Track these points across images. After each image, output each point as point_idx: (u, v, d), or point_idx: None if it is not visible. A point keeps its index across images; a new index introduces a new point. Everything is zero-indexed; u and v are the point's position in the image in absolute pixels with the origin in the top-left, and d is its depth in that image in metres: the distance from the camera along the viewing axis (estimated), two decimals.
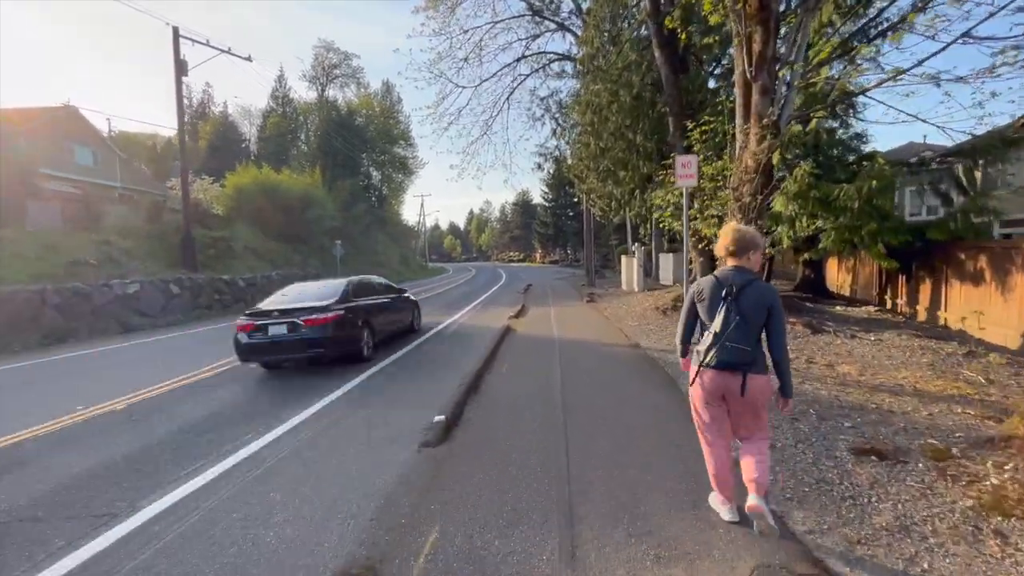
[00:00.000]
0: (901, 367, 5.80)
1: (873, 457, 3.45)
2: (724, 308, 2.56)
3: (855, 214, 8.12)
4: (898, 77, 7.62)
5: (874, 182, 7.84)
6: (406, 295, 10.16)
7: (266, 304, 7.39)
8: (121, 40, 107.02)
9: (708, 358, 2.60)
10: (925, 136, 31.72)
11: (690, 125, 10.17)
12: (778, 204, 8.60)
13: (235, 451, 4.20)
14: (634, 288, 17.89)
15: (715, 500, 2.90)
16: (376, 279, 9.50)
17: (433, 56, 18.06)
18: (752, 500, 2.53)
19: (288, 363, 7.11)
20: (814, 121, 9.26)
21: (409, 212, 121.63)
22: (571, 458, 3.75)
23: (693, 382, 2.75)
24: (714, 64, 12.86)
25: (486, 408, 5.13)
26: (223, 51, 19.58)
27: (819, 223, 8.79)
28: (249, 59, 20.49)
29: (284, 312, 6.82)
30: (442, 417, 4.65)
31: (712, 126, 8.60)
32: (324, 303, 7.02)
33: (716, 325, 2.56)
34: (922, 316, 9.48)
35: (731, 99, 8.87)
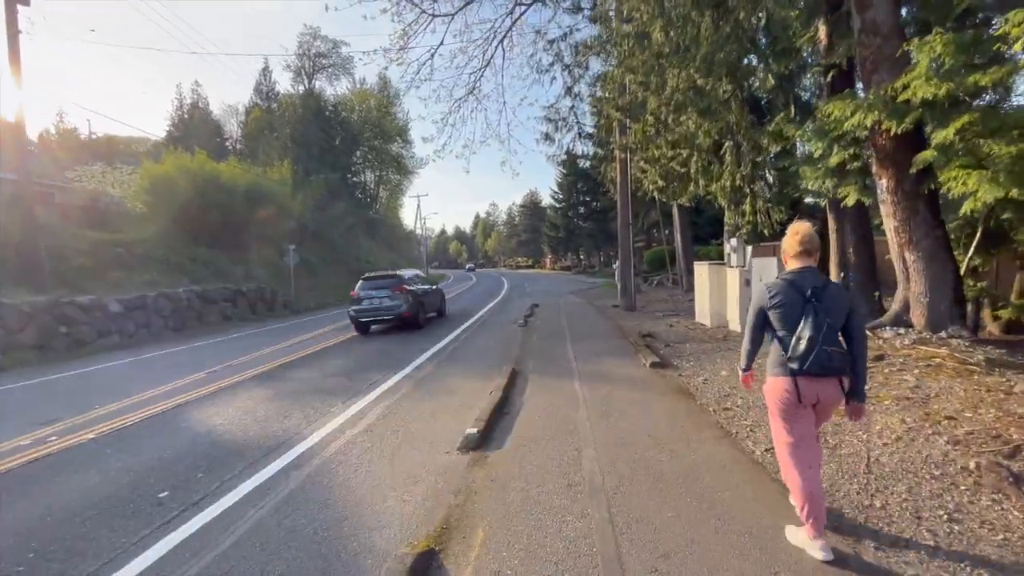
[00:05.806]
0: None
1: None
2: (813, 312, 2.31)
3: None
4: None
5: None
6: None
7: None
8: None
9: (807, 364, 2.29)
10: None
11: None
12: None
13: None
14: (726, 322, 9.44)
15: (801, 536, 2.43)
16: None
17: None
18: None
19: None
20: None
21: (410, 217, 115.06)
22: None
23: (780, 394, 2.43)
24: None
25: None
26: None
27: None
28: None
29: None
30: None
31: None
32: None
33: (807, 330, 2.29)
34: None
35: None
